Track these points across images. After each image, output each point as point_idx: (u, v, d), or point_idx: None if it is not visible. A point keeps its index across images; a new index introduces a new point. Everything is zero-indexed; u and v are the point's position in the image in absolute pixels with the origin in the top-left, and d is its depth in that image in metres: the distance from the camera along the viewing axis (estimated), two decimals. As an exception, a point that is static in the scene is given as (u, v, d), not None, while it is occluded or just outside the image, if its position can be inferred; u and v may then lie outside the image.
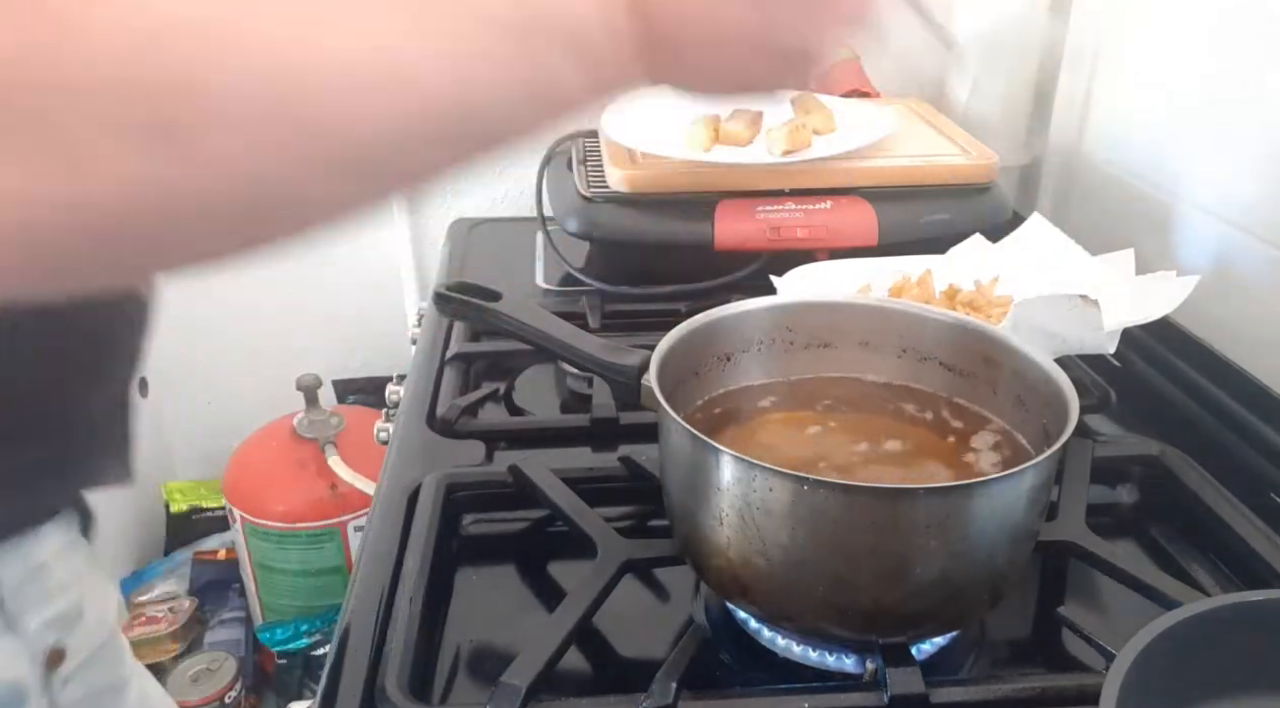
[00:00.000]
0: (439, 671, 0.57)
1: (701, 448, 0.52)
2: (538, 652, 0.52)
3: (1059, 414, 0.54)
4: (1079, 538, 0.61)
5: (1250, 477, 0.71)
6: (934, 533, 0.49)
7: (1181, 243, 0.94)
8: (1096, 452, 0.70)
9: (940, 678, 0.53)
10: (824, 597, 0.51)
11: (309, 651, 1.45)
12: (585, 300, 0.98)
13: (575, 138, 1.19)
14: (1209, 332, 0.85)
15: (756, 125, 1.07)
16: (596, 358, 0.63)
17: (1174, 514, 0.68)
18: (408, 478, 0.70)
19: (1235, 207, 0.89)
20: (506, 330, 0.67)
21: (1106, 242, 0.92)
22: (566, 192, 1.06)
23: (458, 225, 1.26)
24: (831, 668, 0.56)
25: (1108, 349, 0.78)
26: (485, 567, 0.66)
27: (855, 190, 1.01)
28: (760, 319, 0.65)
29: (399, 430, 0.78)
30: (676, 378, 0.60)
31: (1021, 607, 0.62)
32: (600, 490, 0.68)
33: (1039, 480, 0.51)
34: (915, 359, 0.65)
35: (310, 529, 1.38)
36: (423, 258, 1.42)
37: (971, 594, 0.53)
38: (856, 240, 0.99)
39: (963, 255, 0.91)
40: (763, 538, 0.50)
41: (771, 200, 1.00)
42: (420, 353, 0.91)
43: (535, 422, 0.83)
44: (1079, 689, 0.52)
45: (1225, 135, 0.91)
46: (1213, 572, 0.64)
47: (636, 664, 0.57)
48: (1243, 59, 0.88)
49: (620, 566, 0.59)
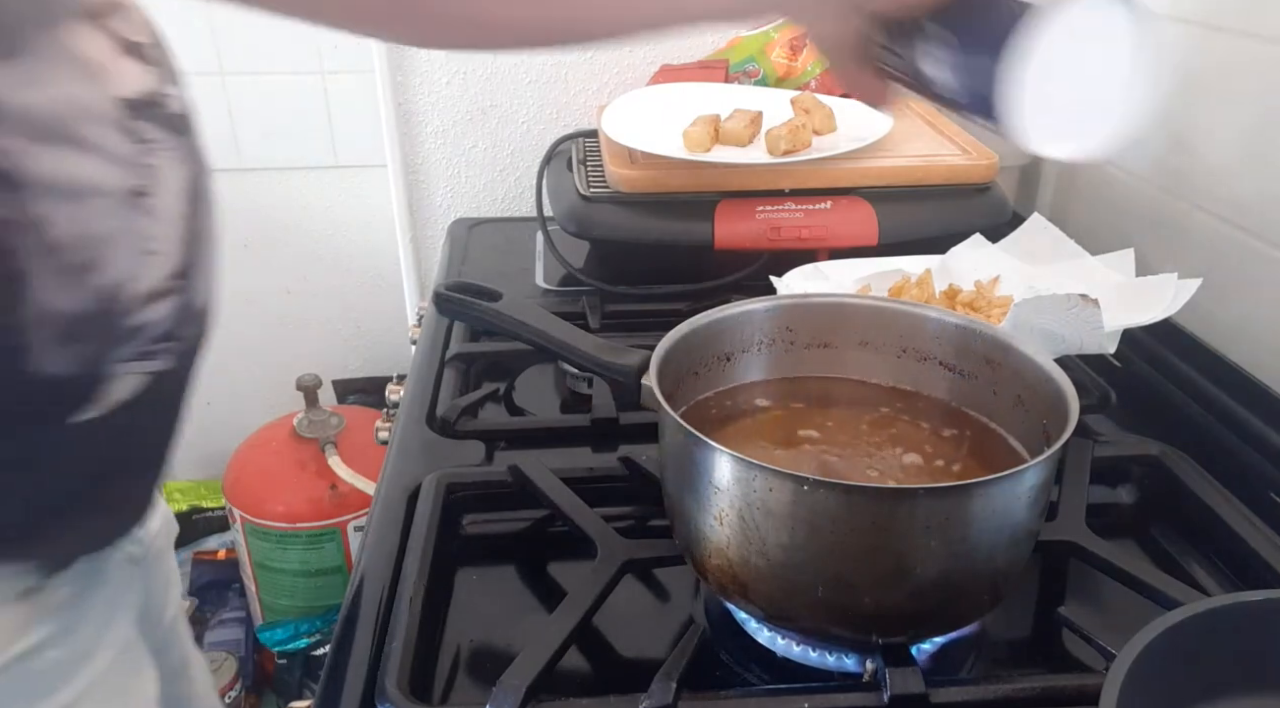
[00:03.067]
0: (439, 671, 0.57)
1: (702, 448, 0.52)
2: (538, 652, 0.52)
3: (1059, 414, 0.54)
4: (1079, 538, 0.61)
5: (1250, 477, 0.71)
6: (934, 533, 0.49)
7: (1181, 243, 0.94)
8: (1096, 452, 0.70)
9: (940, 678, 0.53)
10: (824, 597, 0.51)
11: (309, 651, 1.45)
12: (585, 300, 0.98)
13: (575, 138, 1.19)
14: (1209, 332, 0.85)
15: (756, 125, 1.07)
16: (596, 358, 0.63)
17: (1174, 514, 0.68)
18: (408, 478, 0.70)
19: (1235, 207, 0.89)
20: (506, 330, 0.67)
21: (1106, 242, 0.92)
22: (566, 191, 1.06)
23: (458, 225, 1.26)
24: (831, 668, 0.56)
25: (1108, 349, 0.78)
26: (485, 567, 0.66)
27: (855, 190, 1.01)
28: (760, 319, 0.65)
29: (399, 430, 0.78)
30: (676, 378, 0.60)
31: (1021, 607, 0.62)
32: (600, 490, 0.68)
33: (1039, 480, 0.51)
34: (915, 359, 0.65)
35: (310, 529, 1.38)
36: (423, 258, 1.42)
37: (971, 594, 0.53)
38: (856, 240, 0.99)
39: (963, 255, 0.91)
40: (763, 538, 0.50)
41: (771, 200, 1.00)
42: (420, 353, 0.91)
43: (535, 422, 0.83)
44: (1079, 689, 0.52)
45: (1225, 135, 0.91)
46: (1213, 572, 0.64)
47: (636, 664, 0.57)
48: (1243, 58, 0.88)
49: (620, 566, 0.59)
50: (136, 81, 0.52)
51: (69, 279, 0.48)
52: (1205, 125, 0.93)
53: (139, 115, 0.51)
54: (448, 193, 1.39)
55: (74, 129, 0.48)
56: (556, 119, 1.35)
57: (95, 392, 0.51)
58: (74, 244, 0.48)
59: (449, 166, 1.38)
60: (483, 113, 1.34)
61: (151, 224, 0.52)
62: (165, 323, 0.53)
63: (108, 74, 0.50)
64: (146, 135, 0.51)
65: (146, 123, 0.52)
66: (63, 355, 0.49)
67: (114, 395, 0.52)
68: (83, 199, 0.48)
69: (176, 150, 0.54)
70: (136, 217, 0.51)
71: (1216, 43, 0.91)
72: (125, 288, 0.51)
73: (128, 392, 0.53)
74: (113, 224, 0.49)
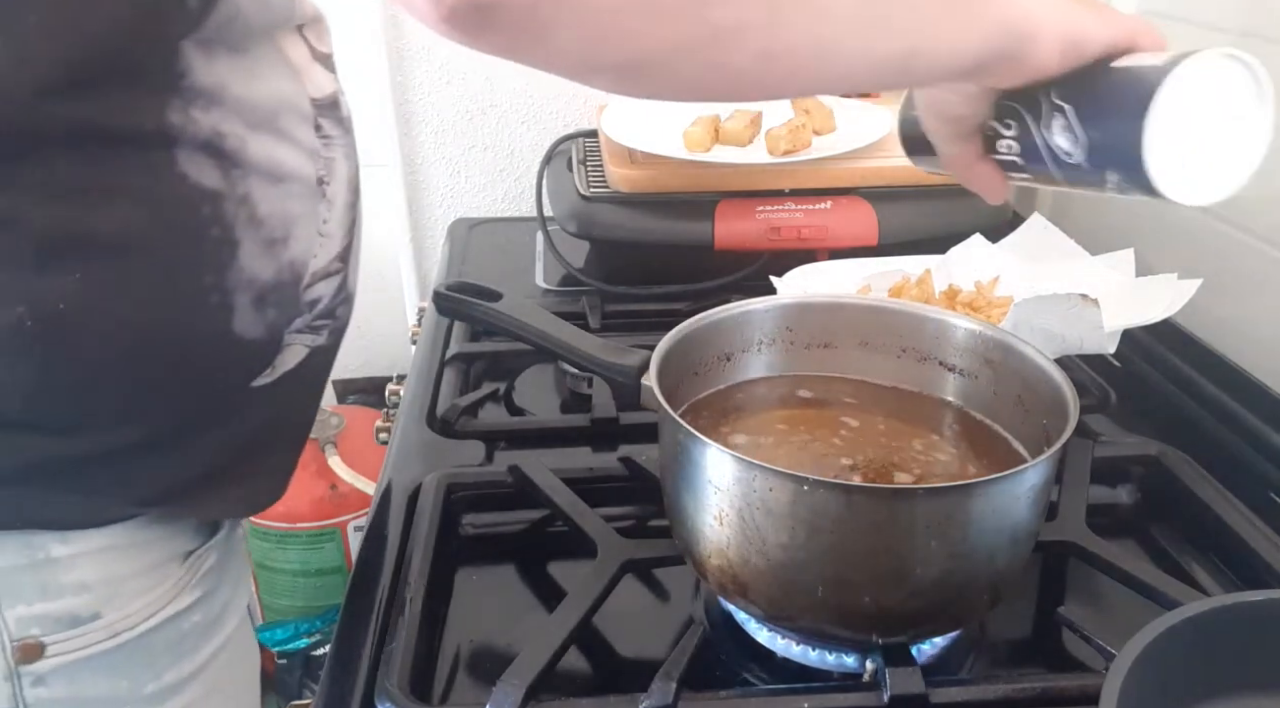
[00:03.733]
0: (439, 671, 0.57)
1: (701, 448, 0.52)
2: (538, 652, 0.52)
3: (1059, 414, 0.54)
4: (1079, 538, 0.61)
5: (1250, 477, 0.71)
6: (934, 533, 0.49)
7: (1182, 243, 0.94)
8: (1096, 452, 0.70)
9: (940, 678, 0.53)
10: (824, 597, 0.51)
11: (309, 651, 1.45)
12: (585, 300, 0.98)
13: (575, 138, 1.19)
14: (1209, 332, 0.85)
15: (756, 125, 1.07)
16: (596, 358, 0.63)
17: (1174, 514, 0.69)
18: (408, 478, 0.70)
19: (1235, 207, 0.89)
20: (506, 330, 0.67)
21: (1106, 242, 0.92)
22: (566, 191, 1.06)
23: (458, 225, 1.26)
24: (831, 668, 0.56)
25: (1108, 349, 0.78)
26: (485, 567, 0.66)
27: (855, 190, 1.01)
28: (760, 319, 0.65)
29: (399, 430, 0.78)
30: (676, 378, 0.60)
31: (1021, 607, 0.62)
32: (600, 490, 0.68)
33: (1039, 480, 0.51)
34: (915, 359, 0.65)
35: (310, 529, 1.38)
36: (423, 258, 1.42)
37: (971, 595, 0.53)
38: (856, 240, 0.99)
39: (963, 255, 0.91)
40: (763, 538, 0.50)
41: (771, 200, 1.00)
42: (420, 353, 0.91)
43: (535, 422, 0.83)
44: (1079, 689, 0.52)
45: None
46: (1213, 572, 0.64)
47: (636, 664, 0.57)
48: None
49: (620, 566, 0.59)
50: (324, 85, 0.60)
51: (267, 250, 0.55)
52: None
53: (324, 114, 0.59)
54: (448, 193, 1.39)
55: (280, 121, 0.55)
56: (556, 119, 1.35)
57: (274, 358, 0.57)
58: (273, 220, 0.55)
59: (449, 166, 1.38)
60: (483, 113, 1.34)
61: (327, 209, 0.59)
62: (328, 300, 0.60)
63: (305, 76, 0.58)
64: (328, 132, 0.59)
65: (328, 121, 0.59)
66: (257, 320, 0.55)
67: (285, 364, 0.58)
68: (282, 182, 0.55)
69: (346, 147, 0.61)
70: (318, 202, 0.58)
71: (1216, 42, 0.91)
72: (305, 264, 0.57)
73: (294, 362, 0.58)
74: (302, 206, 0.57)
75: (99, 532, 0.55)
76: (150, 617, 0.57)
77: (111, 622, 0.56)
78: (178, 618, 0.59)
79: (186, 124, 0.50)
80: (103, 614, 0.56)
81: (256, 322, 0.55)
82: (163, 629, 0.58)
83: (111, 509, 0.55)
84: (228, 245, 0.53)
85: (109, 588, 0.56)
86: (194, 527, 0.60)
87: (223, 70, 0.52)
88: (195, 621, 0.60)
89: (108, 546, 0.55)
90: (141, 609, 0.57)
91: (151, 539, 0.57)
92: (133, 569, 0.56)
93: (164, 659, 0.59)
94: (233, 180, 0.52)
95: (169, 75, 0.50)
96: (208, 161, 0.51)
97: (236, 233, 0.53)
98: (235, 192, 0.53)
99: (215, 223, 0.52)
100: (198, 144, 0.51)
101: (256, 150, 0.53)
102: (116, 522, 0.55)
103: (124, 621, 0.56)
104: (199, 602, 0.60)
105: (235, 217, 0.53)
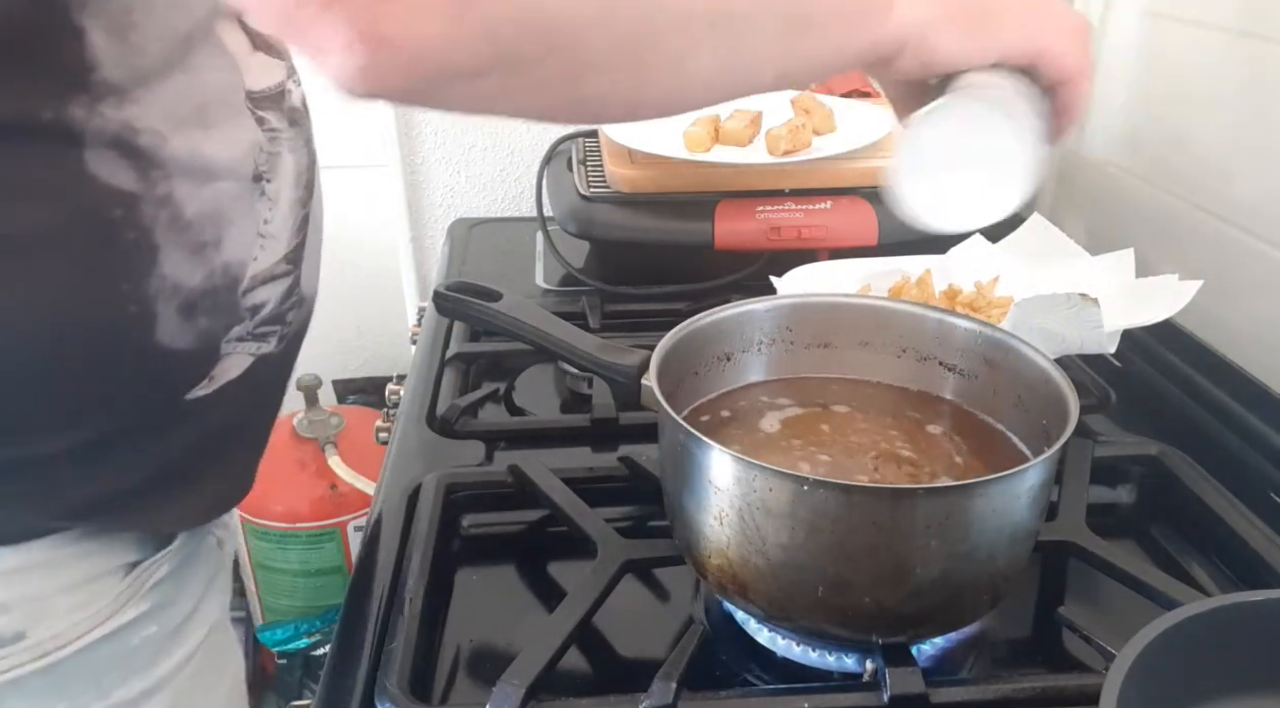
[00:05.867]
0: (439, 671, 0.57)
1: (701, 448, 0.51)
2: (538, 652, 0.52)
3: (1059, 414, 0.54)
4: (1079, 538, 0.61)
5: (1250, 477, 0.71)
6: (934, 533, 0.49)
7: (1182, 243, 0.94)
8: (1096, 452, 0.70)
9: (940, 678, 0.53)
10: (824, 597, 0.51)
11: (309, 651, 1.45)
12: (585, 300, 0.98)
13: (575, 138, 1.19)
14: (1209, 332, 0.85)
15: (756, 125, 1.07)
16: (596, 358, 0.63)
17: (1174, 514, 0.68)
18: (408, 478, 0.70)
19: (1235, 207, 0.89)
20: (506, 330, 0.67)
21: (1106, 242, 0.92)
22: (566, 191, 1.06)
23: (458, 225, 1.26)
24: (831, 668, 0.56)
25: (1108, 349, 0.78)
26: (485, 567, 0.66)
27: (855, 190, 1.01)
28: (760, 319, 0.65)
29: (399, 430, 0.78)
30: (676, 378, 0.60)
31: (1021, 607, 0.62)
32: (600, 490, 0.68)
33: (1039, 480, 0.51)
34: (915, 359, 0.65)
35: (310, 529, 1.38)
36: (423, 258, 1.42)
37: (971, 595, 0.53)
38: (856, 240, 0.99)
39: (963, 255, 0.91)
40: (762, 538, 0.50)
41: (771, 200, 1.00)
42: (420, 353, 0.91)
43: (535, 422, 0.83)
44: (1079, 689, 0.52)
45: (1226, 135, 0.91)
46: (1213, 572, 0.64)
47: (636, 664, 0.57)
48: (1242, 57, 0.88)
49: (620, 566, 0.59)
50: (266, 76, 0.55)
51: (194, 255, 0.51)
52: (1205, 125, 0.93)
53: (265, 107, 0.55)
54: (448, 193, 1.39)
55: (209, 115, 0.51)
56: (556, 119, 1.34)
57: (210, 369, 0.54)
58: (201, 222, 0.51)
59: (449, 166, 1.38)
60: (483, 113, 1.34)
61: (268, 208, 0.55)
62: (274, 306, 0.56)
63: (243, 68, 0.54)
64: (272, 125, 0.55)
65: (271, 113, 0.55)
66: (185, 330, 0.51)
67: (225, 374, 0.54)
68: (212, 181, 0.51)
69: (294, 140, 0.57)
70: (256, 200, 0.54)
71: (1217, 43, 0.91)
72: (243, 268, 0.53)
73: (237, 371, 0.55)
74: (236, 206, 0.53)
75: (16, 549, 0.51)
76: (85, 634, 0.54)
77: (39, 641, 0.53)
78: (122, 633, 0.56)
79: (92, 119, 0.47)
80: (28, 634, 0.52)
81: (184, 331, 0.51)
82: (104, 646, 0.55)
83: (32, 524, 0.52)
84: (146, 250, 0.49)
85: (33, 606, 0.52)
86: (138, 539, 0.56)
87: (140, 64, 0.48)
88: (147, 634, 0.57)
89: (29, 563, 0.52)
90: (74, 627, 0.54)
91: (82, 553, 0.54)
92: (60, 585, 0.53)
93: (110, 677, 0.56)
94: (151, 181, 0.49)
95: (75, 67, 0.46)
96: (120, 161, 0.48)
97: (156, 237, 0.49)
98: (154, 192, 0.49)
99: (130, 226, 0.48)
100: (106, 141, 0.47)
101: (180, 148, 0.49)
102: (38, 537, 0.52)
103: (53, 640, 0.53)
104: (148, 615, 0.57)
105: (155, 219, 0.49)
